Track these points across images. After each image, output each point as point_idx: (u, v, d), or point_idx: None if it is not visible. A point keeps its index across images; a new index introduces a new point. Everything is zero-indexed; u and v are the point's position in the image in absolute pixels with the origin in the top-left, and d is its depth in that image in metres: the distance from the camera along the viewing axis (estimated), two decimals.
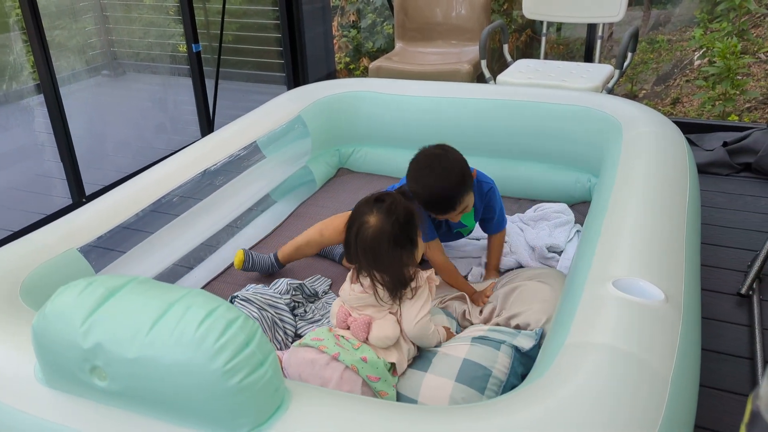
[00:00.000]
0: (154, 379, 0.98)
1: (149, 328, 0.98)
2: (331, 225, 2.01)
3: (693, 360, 1.23)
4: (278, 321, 1.76)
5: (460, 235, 2.07)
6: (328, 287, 2.01)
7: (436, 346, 1.54)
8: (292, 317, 1.81)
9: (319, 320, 1.84)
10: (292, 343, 1.73)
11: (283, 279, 1.93)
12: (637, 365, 1.10)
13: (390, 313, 1.50)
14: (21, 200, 3.19)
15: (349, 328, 1.49)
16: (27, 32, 2.70)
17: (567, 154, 2.44)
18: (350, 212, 1.55)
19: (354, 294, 1.51)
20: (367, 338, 1.47)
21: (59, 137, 2.87)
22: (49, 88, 2.76)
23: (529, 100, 2.46)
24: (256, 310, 1.73)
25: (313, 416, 1.03)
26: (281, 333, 1.75)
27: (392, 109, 2.67)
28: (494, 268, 2.04)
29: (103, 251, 1.82)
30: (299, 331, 1.79)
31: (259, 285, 1.92)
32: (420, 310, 1.48)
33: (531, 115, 2.45)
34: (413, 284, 1.49)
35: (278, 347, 1.72)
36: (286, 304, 1.82)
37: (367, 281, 1.49)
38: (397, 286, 1.47)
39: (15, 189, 3.28)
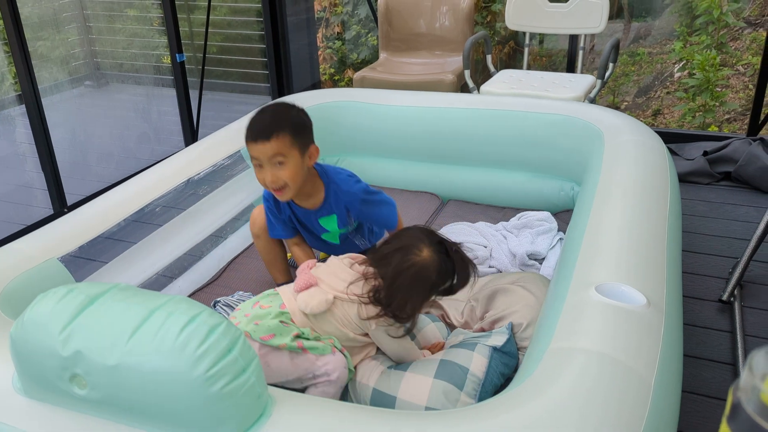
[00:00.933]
0: (135, 386, 0.97)
1: (130, 334, 0.96)
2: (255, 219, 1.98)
3: (675, 365, 1.24)
4: None
5: (327, 244, 1.96)
6: None
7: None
8: None
9: None
10: None
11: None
12: (620, 370, 1.10)
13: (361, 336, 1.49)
14: (1, 211, 3.15)
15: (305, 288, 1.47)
16: (9, 43, 2.68)
17: (550, 163, 2.46)
18: None
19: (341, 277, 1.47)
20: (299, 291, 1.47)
21: (41, 147, 2.84)
22: (31, 98, 2.74)
23: (512, 110, 2.48)
24: None
25: (296, 423, 1.02)
26: None
27: (376, 119, 2.67)
28: None
29: (84, 261, 1.81)
30: None
31: (247, 293, 1.91)
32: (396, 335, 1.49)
33: (514, 124, 2.47)
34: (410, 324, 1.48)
35: None
36: None
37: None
38: (404, 320, 1.45)
39: None
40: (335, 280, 1.46)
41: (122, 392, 0.98)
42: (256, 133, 1.63)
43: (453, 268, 1.44)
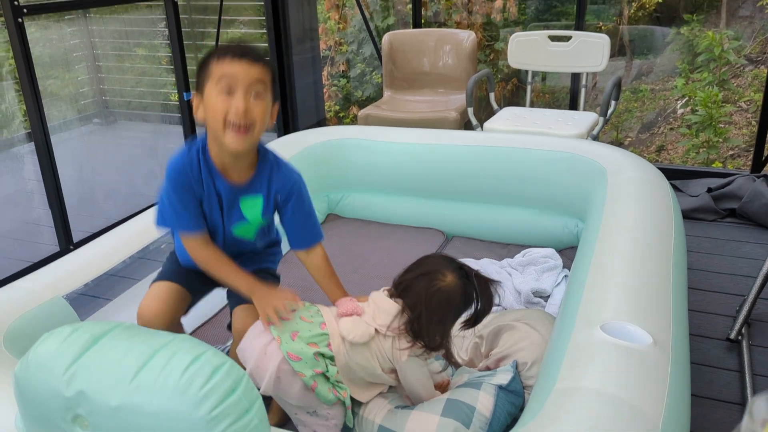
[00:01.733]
0: (138, 427, 0.96)
1: (133, 374, 0.96)
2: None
3: (683, 405, 1.22)
4: None
5: (238, 242, 1.57)
6: None
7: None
8: None
9: None
10: None
11: None
12: (626, 410, 1.09)
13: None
14: (8, 248, 3.17)
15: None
16: (20, 82, 2.73)
17: (554, 200, 2.47)
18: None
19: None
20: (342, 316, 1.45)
21: (48, 185, 2.87)
22: (40, 136, 2.78)
23: (516, 147, 2.50)
24: None
25: None
26: None
27: (380, 156, 2.70)
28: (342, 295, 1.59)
29: (89, 298, 1.81)
30: None
31: None
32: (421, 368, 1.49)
33: (518, 161, 2.48)
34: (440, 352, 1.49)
35: None
36: None
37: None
38: (436, 349, 1.45)
39: (1, 236, 3.25)
40: (380, 314, 1.45)
41: None
42: (241, 50, 1.37)
43: (475, 291, 1.44)
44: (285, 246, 1.74)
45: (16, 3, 2.58)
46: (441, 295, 1.41)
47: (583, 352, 1.25)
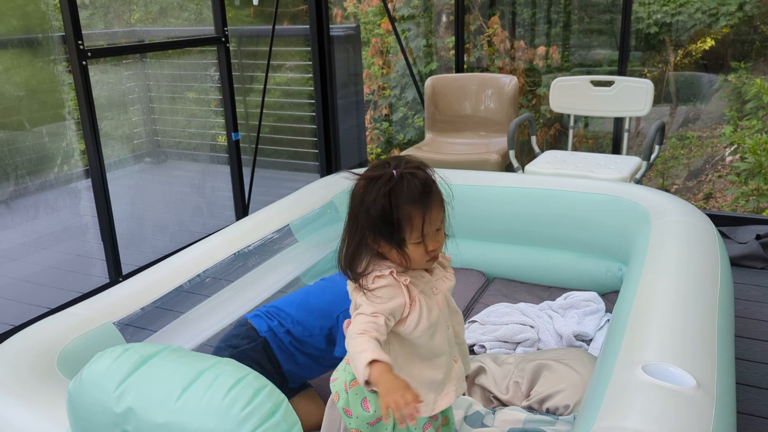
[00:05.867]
0: None
1: (179, 394, 0.99)
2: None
3: None
4: None
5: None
6: None
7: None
8: None
9: None
10: None
11: None
12: None
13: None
14: (61, 278, 3.29)
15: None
16: (81, 121, 2.87)
17: (597, 243, 2.45)
18: None
19: None
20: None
21: (102, 219, 2.99)
22: (96, 173, 2.92)
23: (558, 189, 2.50)
24: None
25: None
26: None
27: None
28: None
29: (136, 329, 1.86)
30: None
31: None
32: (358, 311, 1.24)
33: (560, 203, 2.48)
34: (363, 282, 1.25)
35: None
36: None
37: None
38: (355, 279, 1.26)
39: (55, 268, 3.38)
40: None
41: None
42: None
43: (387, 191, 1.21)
44: None
45: (81, 47, 2.74)
46: (353, 195, 1.25)
47: (624, 393, 1.23)
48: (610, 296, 2.38)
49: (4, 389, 1.40)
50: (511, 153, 3.17)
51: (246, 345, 1.71)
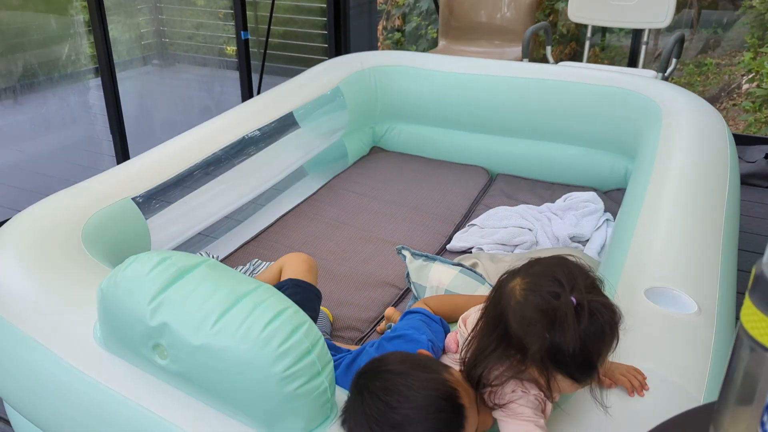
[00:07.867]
0: (215, 369, 0.98)
1: (217, 318, 0.97)
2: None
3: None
4: None
5: None
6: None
7: None
8: None
9: None
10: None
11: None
12: (667, 387, 1.08)
13: None
14: (73, 157, 3.36)
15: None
16: (91, 22, 2.83)
17: (603, 137, 2.39)
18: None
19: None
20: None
21: (111, 112, 2.99)
22: (105, 68, 2.90)
23: (566, 80, 2.42)
24: None
25: None
26: None
27: (428, 85, 2.62)
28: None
29: (155, 204, 1.83)
30: None
31: (265, 262, 1.94)
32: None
33: (568, 95, 2.40)
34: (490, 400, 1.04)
35: None
36: None
37: None
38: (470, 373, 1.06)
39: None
40: None
41: (201, 371, 0.99)
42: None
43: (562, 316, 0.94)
44: None
45: None
46: (514, 304, 1.00)
47: (626, 318, 1.22)
48: (612, 194, 2.37)
49: (35, 265, 1.37)
50: (525, 62, 3.11)
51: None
